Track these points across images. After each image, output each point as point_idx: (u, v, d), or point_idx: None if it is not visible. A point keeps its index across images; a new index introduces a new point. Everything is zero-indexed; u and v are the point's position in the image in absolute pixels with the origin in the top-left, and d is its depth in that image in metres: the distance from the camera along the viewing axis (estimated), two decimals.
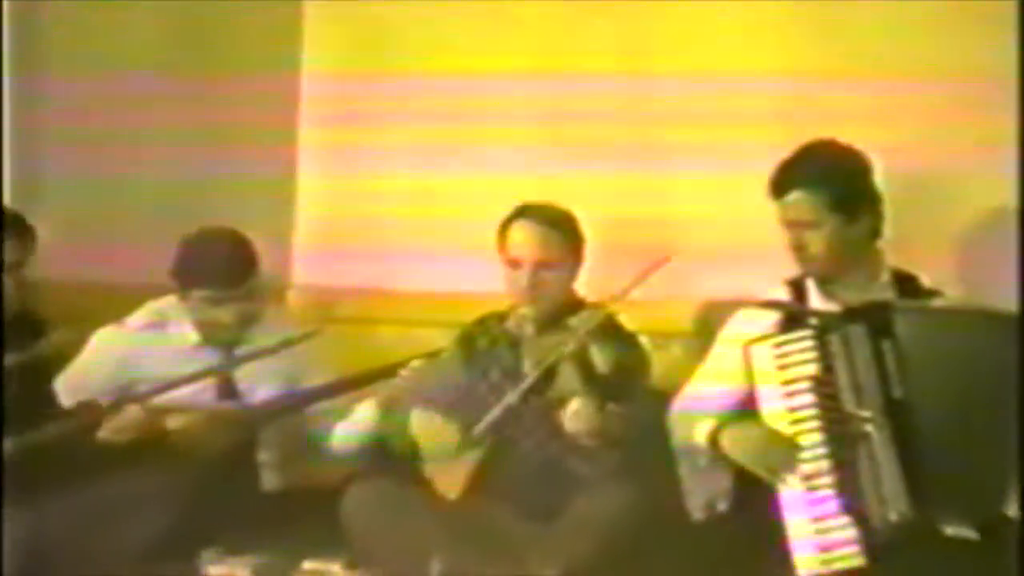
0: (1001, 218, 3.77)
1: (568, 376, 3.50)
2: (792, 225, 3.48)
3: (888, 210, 3.53)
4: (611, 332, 3.53)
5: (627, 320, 3.62)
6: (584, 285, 3.74)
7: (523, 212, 3.71)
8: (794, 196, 3.46)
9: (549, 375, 3.54)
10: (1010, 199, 3.70)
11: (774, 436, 3.33)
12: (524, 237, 3.67)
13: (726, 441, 3.39)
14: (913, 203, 3.69)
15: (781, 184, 3.48)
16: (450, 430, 3.59)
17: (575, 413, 3.46)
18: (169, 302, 3.90)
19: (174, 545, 3.52)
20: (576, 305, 3.67)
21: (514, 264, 3.67)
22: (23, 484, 3.46)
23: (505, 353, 3.75)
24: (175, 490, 3.59)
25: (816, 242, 3.46)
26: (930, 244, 3.78)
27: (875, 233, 3.52)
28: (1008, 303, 3.44)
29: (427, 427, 3.64)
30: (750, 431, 3.38)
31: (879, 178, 3.51)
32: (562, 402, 3.52)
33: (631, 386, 3.51)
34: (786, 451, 3.31)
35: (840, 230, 3.46)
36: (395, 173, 4.44)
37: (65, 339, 3.73)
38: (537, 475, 3.60)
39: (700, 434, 3.43)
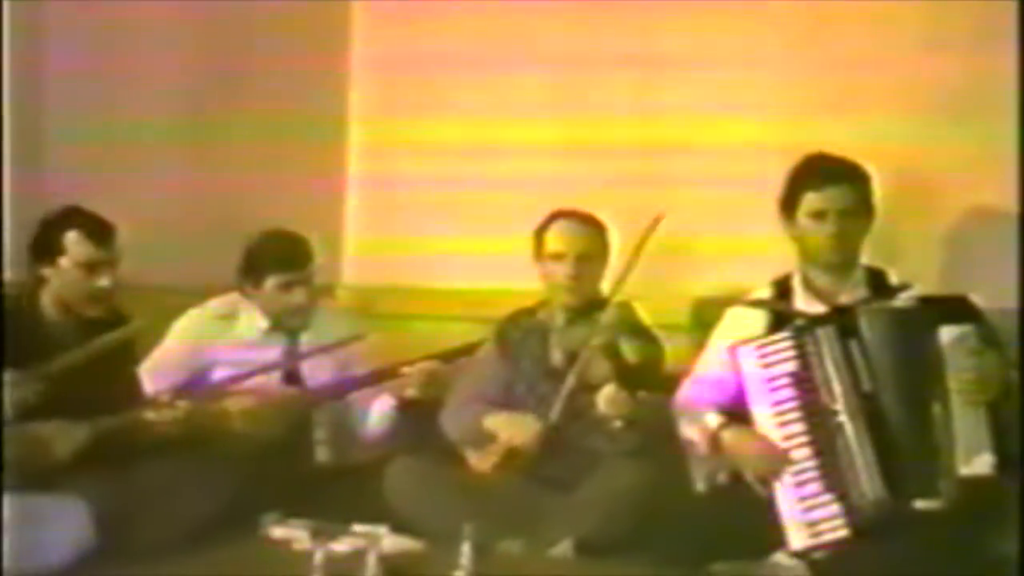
0: (985, 217, 3.94)
1: (598, 365, 3.61)
2: (835, 215, 3.56)
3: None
4: (636, 326, 3.69)
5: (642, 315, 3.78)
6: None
7: (560, 214, 3.90)
8: (845, 186, 3.57)
9: (575, 362, 3.67)
10: (994, 199, 3.93)
11: (768, 447, 3.43)
12: (566, 233, 3.85)
13: (726, 442, 3.49)
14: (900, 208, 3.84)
15: (830, 174, 3.55)
16: (527, 421, 3.73)
17: (611, 399, 3.57)
18: (232, 298, 4.12)
19: (241, 510, 3.69)
20: (600, 301, 3.80)
21: (556, 258, 3.83)
22: (104, 460, 3.58)
23: (534, 343, 3.92)
24: (237, 465, 3.74)
25: (855, 233, 3.58)
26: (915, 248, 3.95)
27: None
28: (990, 297, 3.53)
29: (506, 423, 3.79)
30: (747, 440, 3.47)
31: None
32: (585, 388, 3.65)
33: (654, 375, 3.65)
34: (777, 463, 3.40)
35: (868, 225, 3.62)
36: (433, 180, 4.56)
37: (146, 326, 3.83)
38: (560, 452, 3.74)
39: (706, 427, 3.52)
